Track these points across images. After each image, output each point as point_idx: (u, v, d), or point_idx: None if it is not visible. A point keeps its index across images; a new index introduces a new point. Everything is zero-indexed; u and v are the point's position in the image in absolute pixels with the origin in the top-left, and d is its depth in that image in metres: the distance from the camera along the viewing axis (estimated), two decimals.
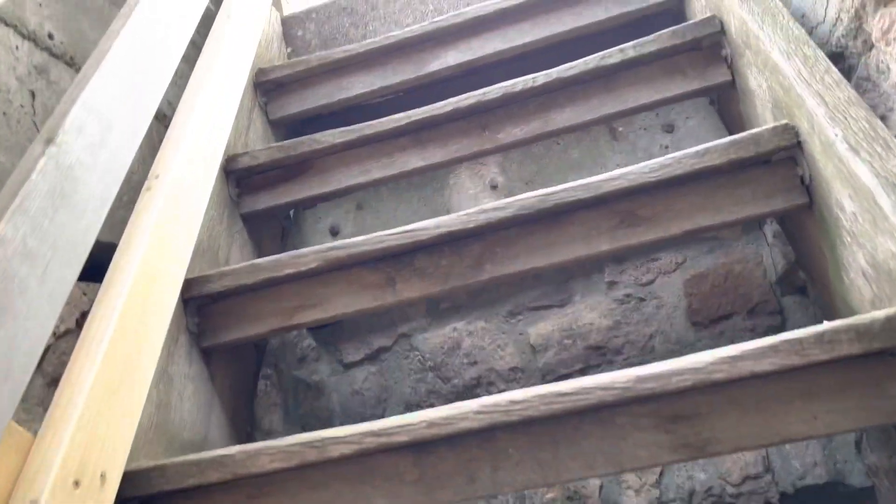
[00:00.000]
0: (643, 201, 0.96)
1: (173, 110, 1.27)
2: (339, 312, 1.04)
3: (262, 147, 1.51)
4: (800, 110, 0.88)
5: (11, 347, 0.68)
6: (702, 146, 0.95)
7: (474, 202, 1.63)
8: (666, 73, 1.19)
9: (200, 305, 1.09)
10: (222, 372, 1.13)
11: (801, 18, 1.00)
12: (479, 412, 0.76)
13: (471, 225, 1.01)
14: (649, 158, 1.62)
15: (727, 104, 1.26)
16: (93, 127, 0.90)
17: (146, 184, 1.05)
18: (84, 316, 1.00)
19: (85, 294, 1.01)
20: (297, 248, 1.71)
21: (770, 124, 0.94)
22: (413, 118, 1.27)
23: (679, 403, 0.73)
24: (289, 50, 1.84)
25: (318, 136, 1.31)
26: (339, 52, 1.54)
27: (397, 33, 1.52)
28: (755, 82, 1.04)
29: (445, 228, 1.02)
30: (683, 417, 0.73)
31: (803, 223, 0.97)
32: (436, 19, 1.50)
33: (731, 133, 1.34)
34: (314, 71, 1.56)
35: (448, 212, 1.64)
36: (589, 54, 1.60)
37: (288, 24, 1.85)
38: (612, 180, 0.96)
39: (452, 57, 1.50)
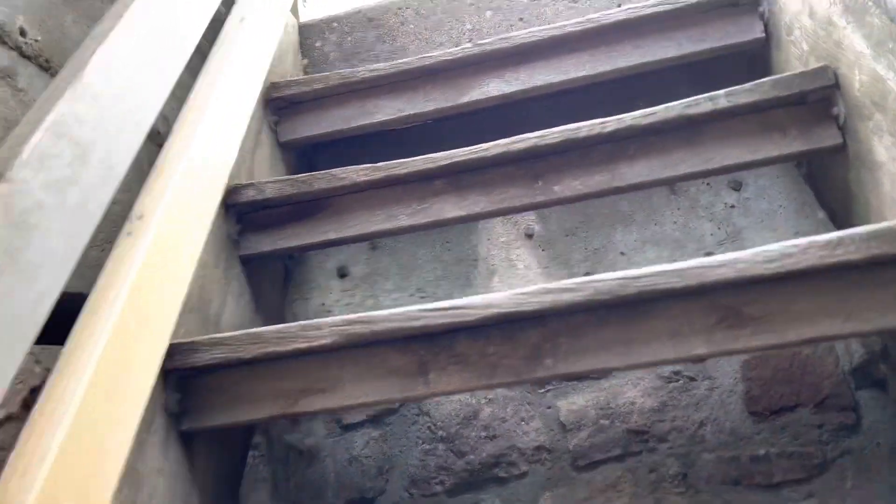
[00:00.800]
0: (753, 297, 0.76)
1: (169, 126, 1.07)
2: (355, 402, 0.84)
3: (268, 173, 1.30)
4: None
5: None
6: (834, 234, 0.75)
7: (505, 252, 1.43)
8: (762, 128, 1.00)
9: (183, 377, 0.88)
10: (204, 460, 0.91)
11: None
12: None
13: (529, 307, 0.81)
14: (711, 217, 1.44)
15: (827, 170, 1.07)
16: (63, 158, 0.69)
17: (127, 227, 0.84)
18: (34, 393, 0.79)
19: (39, 362, 0.80)
20: (300, 289, 1.49)
21: None
22: (454, 159, 1.07)
23: None
24: (305, 62, 1.64)
25: (338, 171, 1.11)
26: (364, 70, 1.34)
27: (435, 55, 1.32)
28: (886, 154, 0.85)
29: (497, 309, 0.81)
30: None
31: None
32: (480, 42, 1.30)
33: (821, 202, 1.15)
34: (335, 90, 1.36)
35: (475, 261, 1.44)
36: (651, 92, 1.41)
37: (306, 33, 1.65)
38: (714, 268, 0.77)
39: (495, 86, 1.31)
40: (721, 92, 1.00)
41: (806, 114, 0.99)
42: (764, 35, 1.22)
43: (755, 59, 1.31)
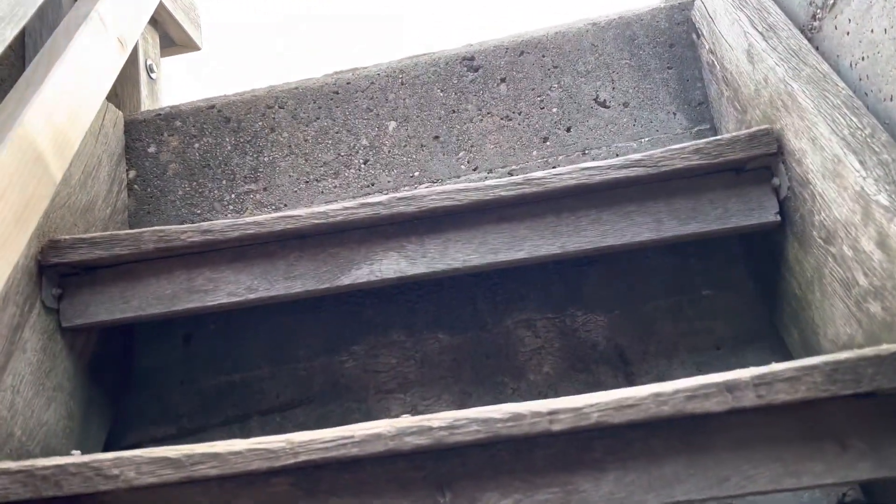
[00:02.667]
0: None
1: None
2: None
3: (34, 392, 0.84)
4: None
5: None
6: None
7: None
8: (807, 435, 0.61)
9: None
10: None
11: None
12: None
13: None
14: None
15: None
16: None
17: None
18: None
19: None
20: None
21: None
22: (303, 457, 0.63)
23: None
24: (132, 175, 1.16)
25: (107, 461, 0.65)
26: (194, 232, 0.89)
27: (301, 215, 0.88)
28: None
29: None
30: None
31: None
32: (369, 201, 0.87)
33: None
34: (149, 255, 0.90)
35: None
36: (612, 260, 1.03)
37: (136, 131, 1.18)
38: None
39: (392, 264, 0.88)
40: (746, 376, 0.60)
41: (874, 414, 0.61)
42: (779, 219, 0.84)
43: (760, 234, 0.93)
